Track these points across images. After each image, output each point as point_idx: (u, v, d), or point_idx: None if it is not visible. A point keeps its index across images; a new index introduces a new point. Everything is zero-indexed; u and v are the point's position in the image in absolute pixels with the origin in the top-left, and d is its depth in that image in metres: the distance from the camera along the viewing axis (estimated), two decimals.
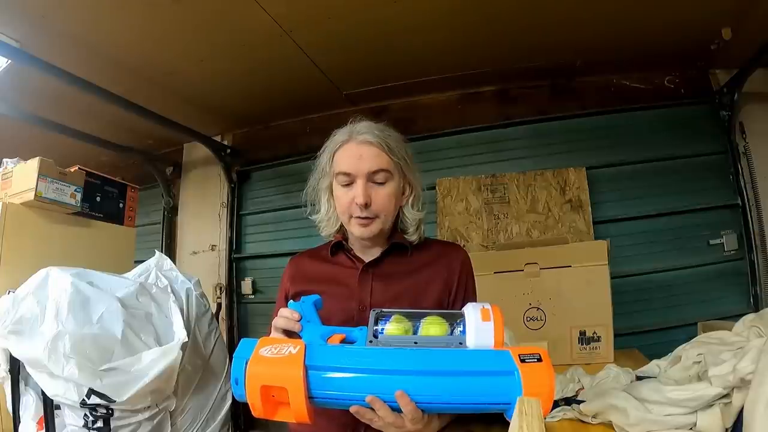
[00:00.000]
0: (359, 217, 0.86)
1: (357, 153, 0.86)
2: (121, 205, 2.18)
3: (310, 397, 0.60)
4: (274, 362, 0.60)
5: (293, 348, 0.62)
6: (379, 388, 0.60)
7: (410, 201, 0.93)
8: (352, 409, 0.62)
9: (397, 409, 0.61)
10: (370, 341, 0.66)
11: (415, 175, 0.94)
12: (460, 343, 0.64)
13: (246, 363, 0.61)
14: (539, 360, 0.61)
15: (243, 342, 0.65)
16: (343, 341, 0.68)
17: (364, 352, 0.63)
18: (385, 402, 0.60)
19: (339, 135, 0.90)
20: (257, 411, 0.61)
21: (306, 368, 0.60)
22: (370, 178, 0.86)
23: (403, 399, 0.59)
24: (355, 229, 0.88)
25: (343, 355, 0.63)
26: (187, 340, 1.46)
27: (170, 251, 3.02)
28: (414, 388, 0.60)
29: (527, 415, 0.55)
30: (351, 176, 0.86)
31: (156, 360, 1.34)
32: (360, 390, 0.60)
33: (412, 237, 0.93)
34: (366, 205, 0.84)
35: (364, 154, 0.85)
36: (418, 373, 0.61)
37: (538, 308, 1.63)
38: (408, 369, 0.61)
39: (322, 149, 0.93)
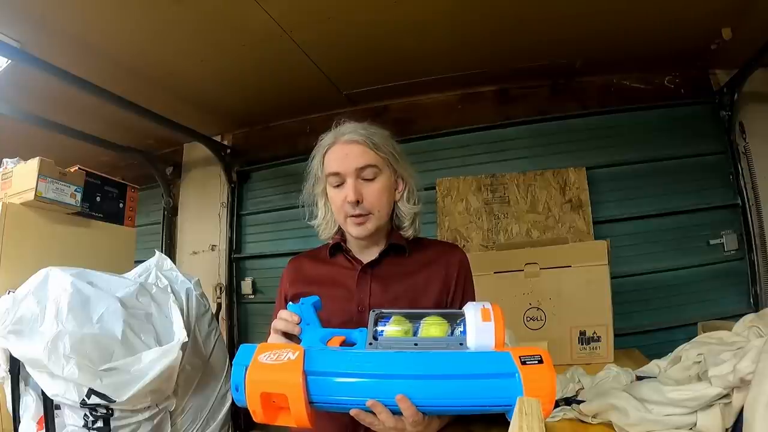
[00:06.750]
0: (353, 216, 0.87)
1: (343, 153, 0.88)
2: (121, 205, 2.18)
3: (310, 402, 0.60)
4: (273, 369, 0.60)
5: (292, 354, 0.61)
6: (380, 392, 0.60)
7: (404, 195, 0.94)
8: (353, 413, 0.62)
9: (397, 412, 0.61)
10: (370, 343, 0.65)
11: (407, 169, 0.95)
12: (461, 344, 0.64)
13: (245, 370, 0.61)
14: (540, 361, 0.60)
15: (242, 348, 0.64)
16: (343, 343, 0.68)
17: (363, 357, 0.63)
18: (385, 406, 0.60)
19: (326, 139, 0.92)
20: (258, 417, 0.61)
21: (305, 374, 0.60)
22: (359, 174, 0.87)
23: (404, 403, 0.59)
24: (351, 229, 0.89)
25: (342, 360, 0.62)
26: (187, 340, 1.46)
27: (170, 251, 3.01)
28: (414, 392, 0.59)
29: (527, 415, 0.54)
30: (340, 176, 0.87)
31: (156, 360, 1.34)
32: (360, 394, 0.60)
33: (408, 232, 0.94)
34: (357, 202, 0.86)
35: (349, 153, 0.87)
36: (419, 377, 0.60)
37: (538, 308, 1.63)
38: (408, 373, 0.60)
39: (312, 155, 0.94)
